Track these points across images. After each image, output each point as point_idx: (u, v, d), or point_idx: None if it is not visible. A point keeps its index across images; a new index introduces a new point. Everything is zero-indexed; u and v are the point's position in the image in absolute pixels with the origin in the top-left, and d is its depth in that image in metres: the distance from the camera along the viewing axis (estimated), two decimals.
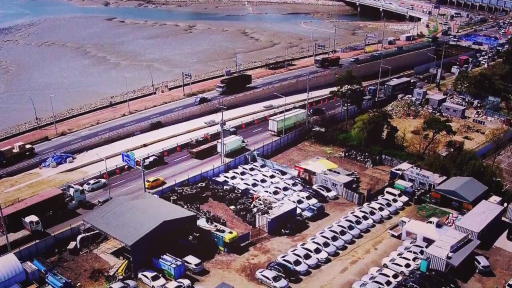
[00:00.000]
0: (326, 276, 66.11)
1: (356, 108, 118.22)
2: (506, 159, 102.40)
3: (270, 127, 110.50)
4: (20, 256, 65.41)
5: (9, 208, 75.46)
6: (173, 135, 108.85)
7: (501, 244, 73.11)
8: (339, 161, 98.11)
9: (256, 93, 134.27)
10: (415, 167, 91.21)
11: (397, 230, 75.82)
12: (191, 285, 62.97)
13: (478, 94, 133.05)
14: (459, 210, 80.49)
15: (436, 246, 68.03)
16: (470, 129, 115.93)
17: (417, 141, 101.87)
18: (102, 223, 69.96)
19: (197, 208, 78.62)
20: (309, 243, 71.23)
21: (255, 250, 71.20)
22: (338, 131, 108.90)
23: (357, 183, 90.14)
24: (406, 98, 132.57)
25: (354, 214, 78.81)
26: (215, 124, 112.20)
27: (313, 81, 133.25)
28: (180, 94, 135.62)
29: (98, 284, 63.79)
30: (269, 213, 75.49)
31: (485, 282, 65.32)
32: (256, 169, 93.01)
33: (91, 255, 69.28)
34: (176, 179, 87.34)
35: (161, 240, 66.66)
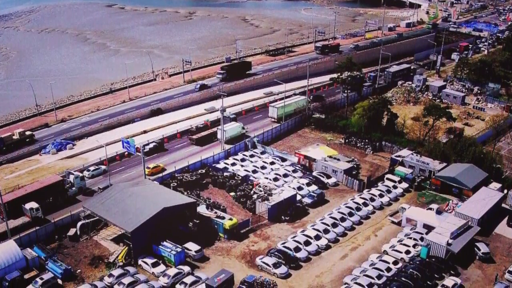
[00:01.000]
0: (326, 262, 65.70)
1: (356, 95, 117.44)
2: (506, 146, 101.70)
3: (270, 114, 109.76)
4: (20, 243, 64.98)
5: (9, 195, 74.89)
6: (173, 122, 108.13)
7: (501, 231, 72.59)
8: (339, 147, 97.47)
9: (256, 79, 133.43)
10: (415, 153, 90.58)
11: (397, 216, 75.32)
12: (191, 271, 62.59)
13: (478, 81, 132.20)
14: (459, 196, 79.94)
15: (436, 232, 67.55)
16: (470, 116, 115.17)
17: (417, 128, 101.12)
18: (102, 210, 69.46)
19: (197, 194, 78.09)
20: (309, 230, 70.74)
21: (255, 236, 70.75)
22: (338, 117, 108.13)
23: (357, 170, 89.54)
24: (406, 84, 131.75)
25: (354, 200, 78.27)
26: (215, 110, 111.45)
27: (313, 67, 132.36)
28: (180, 81, 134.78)
29: (98, 271, 63.40)
30: (269, 200, 74.97)
31: (485, 269, 64.90)
32: (256, 155, 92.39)
33: (91, 241, 68.85)
34: (176, 165, 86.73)
35: (161, 226, 66.19)
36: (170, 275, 61.20)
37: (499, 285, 60.69)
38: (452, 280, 61.36)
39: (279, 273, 62.48)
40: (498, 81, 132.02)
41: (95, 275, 62.66)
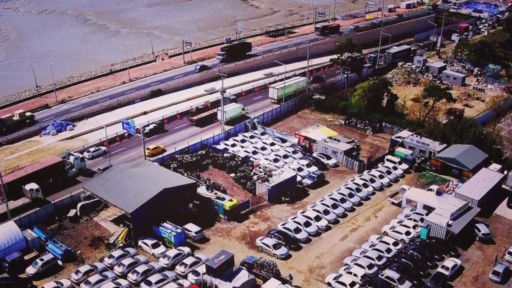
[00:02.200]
0: (326, 243, 65.05)
1: (356, 76, 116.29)
2: (506, 127, 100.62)
3: (270, 95, 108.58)
4: (20, 224, 64.23)
5: (9, 176, 74.10)
6: (173, 103, 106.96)
7: (501, 212, 71.86)
8: (339, 128, 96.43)
9: (256, 60, 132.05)
10: (415, 134, 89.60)
11: (397, 197, 74.55)
12: (191, 252, 61.98)
13: (478, 62, 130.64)
14: (459, 177, 79.09)
15: (436, 213, 66.85)
16: (470, 97, 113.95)
17: (417, 109, 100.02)
18: (102, 191, 68.68)
19: (197, 175, 77.24)
20: (309, 211, 70.00)
21: (255, 217, 70.05)
22: (338, 98, 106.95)
23: (357, 151, 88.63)
24: (406, 65, 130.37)
25: (354, 181, 77.42)
26: (215, 91, 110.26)
27: (313, 48, 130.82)
28: (180, 62, 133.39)
29: (98, 252, 62.77)
30: (269, 181, 74.14)
31: (485, 250, 64.29)
32: (256, 136, 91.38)
33: (91, 222, 68.12)
34: (176, 146, 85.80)
35: (161, 207, 65.43)
36: (170, 256, 60.66)
37: (499, 266, 60.12)
38: (452, 261, 60.82)
39: (279, 254, 61.86)
40: (498, 62, 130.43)
41: (95, 256, 62.07)
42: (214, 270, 56.22)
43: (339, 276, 58.24)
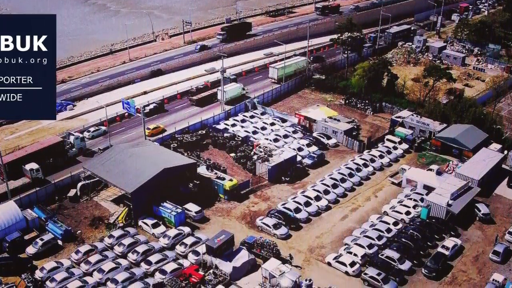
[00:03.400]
0: (326, 223, 64.25)
1: (356, 56, 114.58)
2: (506, 107, 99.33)
3: (270, 75, 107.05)
4: (20, 204, 63.25)
5: (9, 156, 72.96)
6: (173, 83, 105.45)
7: (501, 192, 70.93)
8: (339, 108, 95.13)
9: (256, 40, 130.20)
10: (415, 114, 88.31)
11: (397, 177, 73.55)
12: (191, 232, 61.19)
13: (478, 42, 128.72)
14: (459, 157, 78.05)
15: (436, 193, 65.88)
16: (470, 77, 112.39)
17: (417, 89, 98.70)
18: (102, 171, 67.59)
19: (197, 155, 76.20)
20: (309, 191, 69.07)
21: (255, 197, 69.16)
22: (338, 78, 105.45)
23: (357, 131, 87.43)
24: (407, 45, 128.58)
25: (354, 161, 76.37)
26: (215, 71, 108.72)
27: (313, 28, 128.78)
28: (180, 42, 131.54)
29: (98, 232, 61.99)
30: (269, 161, 73.13)
31: (485, 230, 63.52)
32: (256, 116, 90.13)
33: (91, 202, 67.23)
34: (176, 126, 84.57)
35: (161, 187, 64.44)
36: (170, 236, 59.91)
37: (499, 246, 59.39)
38: (452, 241, 60.11)
39: (279, 234, 61.11)
40: (498, 42, 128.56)
41: (95, 236, 61.30)
42: (214, 250, 55.57)
43: (339, 256, 57.57)
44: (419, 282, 55.28)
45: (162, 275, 53.95)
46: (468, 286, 55.12)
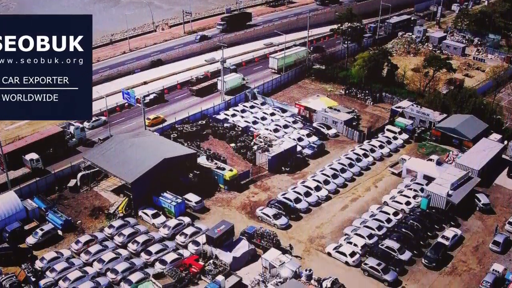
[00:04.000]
0: (326, 213, 63.80)
1: (356, 46, 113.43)
2: (506, 97, 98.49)
3: (270, 65, 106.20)
4: (20, 194, 62.76)
5: (9, 146, 72.39)
6: (173, 73, 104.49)
7: (501, 182, 70.43)
8: (339, 98, 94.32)
9: (256, 30, 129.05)
10: (415, 104, 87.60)
11: (397, 167, 73.02)
12: (191, 222, 60.75)
13: (479, 32, 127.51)
14: (460, 147, 77.45)
15: (436, 183, 65.33)
16: (470, 67, 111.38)
17: (417, 79, 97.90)
18: (102, 161, 67.05)
19: (197, 145, 75.61)
20: (309, 181, 68.57)
21: (256, 187, 68.67)
22: (339, 68, 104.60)
23: (358, 121, 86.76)
24: (407, 35, 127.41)
25: (354, 151, 75.81)
26: (215, 61, 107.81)
27: (313, 18, 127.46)
28: (180, 32, 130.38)
29: (98, 222, 61.56)
30: (269, 151, 72.60)
31: (485, 220, 63.07)
32: (256, 106, 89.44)
33: (91, 192, 66.71)
34: (176, 116, 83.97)
35: (161, 177, 63.94)
36: (170, 226, 59.52)
37: (499, 236, 58.99)
38: (452, 231, 59.70)
39: (279, 224, 60.67)
40: (499, 32, 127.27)
41: (95, 226, 60.89)
42: (214, 240, 55.17)
43: (339, 246, 57.14)
44: (419, 272, 54.91)
45: (162, 265, 53.56)
46: (468, 276, 54.77)
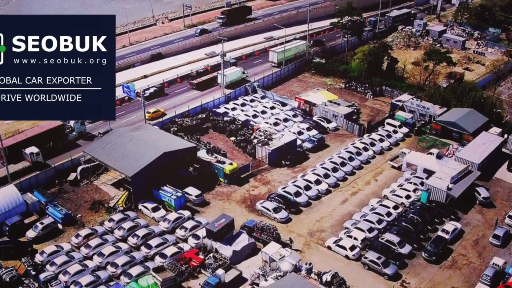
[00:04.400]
0: (327, 207, 63.45)
1: (356, 40, 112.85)
2: (506, 90, 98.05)
3: (271, 58, 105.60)
4: (20, 187, 62.41)
5: (9, 140, 72.03)
6: (173, 67, 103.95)
7: (501, 175, 70.10)
8: (339, 92, 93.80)
9: (257, 24, 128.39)
10: (415, 98, 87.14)
11: (398, 161, 72.64)
12: (191, 216, 60.42)
13: (479, 25, 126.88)
14: (460, 141, 77.07)
15: (436, 177, 64.95)
16: (470, 60, 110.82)
17: (417, 72, 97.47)
18: (102, 154, 66.63)
19: (197, 139, 75.21)
20: (310, 175, 68.21)
21: (256, 181, 68.31)
22: (339, 62, 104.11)
23: (358, 115, 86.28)
24: (407, 29, 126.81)
25: (355, 145, 75.39)
26: (215, 55, 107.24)
27: (313, 12, 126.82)
28: (180, 26, 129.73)
29: (98, 215, 61.21)
30: (270, 144, 72.17)
31: (485, 213, 62.74)
32: (256, 100, 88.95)
33: (91, 186, 66.34)
34: (176, 110, 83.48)
35: (161, 171, 63.55)
36: (170, 219, 59.17)
37: (499, 229, 58.66)
38: (452, 224, 59.38)
39: (279, 217, 60.33)
40: (499, 25, 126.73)
41: (95, 220, 60.55)
42: (214, 234, 54.85)
43: (339, 239, 56.83)
44: (419, 266, 54.62)
45: (162, 259, 53.27)
46: (468, 270, 54.48)
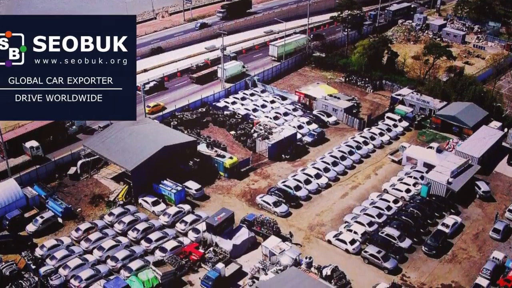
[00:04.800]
0: (326, 201, 63.13)
1: (356, 33, 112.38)
2: (506, 84, 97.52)
3: (271, 52, 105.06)
4: (20, 181, 62.01)
5: (10, 133, 71.47)
6: (173, 61, 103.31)
7: (501, 169, 69.77)
8: (339, 86, 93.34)
9: (257, 18, 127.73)
10: (415, 92, 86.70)
11: (398, 155, 72.28)
12: (191, 210, 60.09)
13: (479, 19, 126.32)
14: (460, 135, 76.71)
15: (436, 171, 64.67)
16: (470, 54, 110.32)
17: (417, 66, 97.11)
18: (102, 148, 66.23)
19: (197, 133, 74.82)
20: (310, 168, 67.84)
21: (256, 175, 67.95)
22: (339, 56, 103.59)
23: (358, 108, 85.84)
24: (407, 23, 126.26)
25: (355, 139, 74.99)
26: (215, 49, 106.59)
27: (313, 6, 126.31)
28: (180, 20, 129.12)
29: (98, 209, 60.87)
30: (270, 138, 71.79)
31: (485, 207, 62.44)
32: (256, 94, 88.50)
33: (91, 180, 65.95)
34: (176, 104, 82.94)
35: (161, 165, 63.16)
36: (170, 213, 58.82)
37: (499, 223, 58.37)
38: (452, 218, 59.08)
39: (279, 211, 60.02)
40: (499, 19, 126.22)
41: (95, 214, 60.22)
42: (214, 228, 54.56)
43: (339, 233, 56.54)
44: (419, 260, 54.34)
45: (162, 253, 52.95)
46: (468, 263, 54.21)
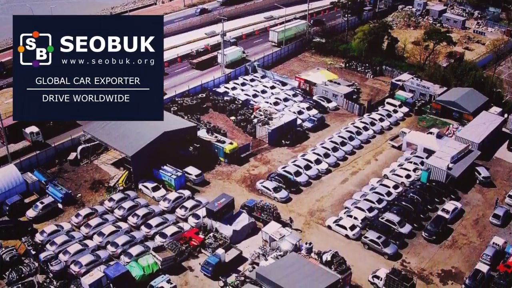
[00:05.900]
0: (327, 187, 62.36)
1: (356, 19, 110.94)
2: (506, 70, 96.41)
3: (271, 38, 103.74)
4: (20, 167, 61.23)
5: (10, 119, 70.10)
6: (173, 46, 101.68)
7: (501, 155, 68.96)
8: (339, 72, 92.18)
9: (257, 4, 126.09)
10: (415, 78, 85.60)
11: (398, 141, 71.39)
12: (191, 196, 59.35)
13: (479, 5, 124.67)
14: (460, 121, 75.81)
15: (436, 157, 63.83)
16: (470, 40, 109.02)
17: (417, 52, 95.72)
18: (102, 134, 65.29)
19: (197, 119, 73.85)
20: (310, 154, 66.99)
21: (256, 161, 67.12)
22: (339, 42, 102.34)
23: (358, 94, 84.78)
24: (407, 9, 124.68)
25: (355, 125, 74.08)
26: (215, 35, 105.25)
27: None
28: (180, 5, 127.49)
29: (98, 195, 60.09)
30: (270, 124, 70.88)
31: (485, 193, 61.69)
32: (256, 80, 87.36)
33: (91, 166, 65.12)
34: (176, 90, 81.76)
35: (161, 151, 62.30)
36: (170, 199, 58.09)
37: (499, 209, 57.66)
38: (453, 204, 58.36)
39: (279, 197, 59.30)
40: (499, 5, 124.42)
41: (95, 199, 59.44)
42: (214, 213, 53.84)
43: (339, 219, 55.85)
44: (419, 246, 53.71)
45: (162, 239, 52.31)
46: (468, 249, 53.58)
